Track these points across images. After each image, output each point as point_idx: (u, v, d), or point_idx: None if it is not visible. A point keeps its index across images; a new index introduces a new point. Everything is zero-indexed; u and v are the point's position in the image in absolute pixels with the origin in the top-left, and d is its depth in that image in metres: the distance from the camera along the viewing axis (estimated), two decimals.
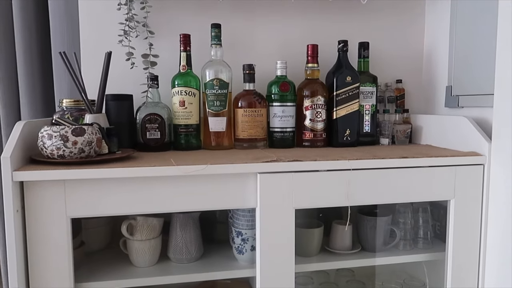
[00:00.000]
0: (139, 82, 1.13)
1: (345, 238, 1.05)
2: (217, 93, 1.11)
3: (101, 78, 0.98)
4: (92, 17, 1.17)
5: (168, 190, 0.86)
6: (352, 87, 1.17)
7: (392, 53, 1.35)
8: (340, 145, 1.18)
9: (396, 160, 0.94)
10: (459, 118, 1.08)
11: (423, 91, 1.37)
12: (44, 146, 0.82)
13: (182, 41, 1.10)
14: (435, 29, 1.31)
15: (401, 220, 1.09)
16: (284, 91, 1.14)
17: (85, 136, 0.83)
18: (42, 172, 0.79)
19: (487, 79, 1.07)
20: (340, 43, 1.19)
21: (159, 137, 1.08)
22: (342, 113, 1.17)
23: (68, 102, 1.04)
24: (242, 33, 1.26)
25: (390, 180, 0.95)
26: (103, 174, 0.81)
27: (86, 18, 1.16)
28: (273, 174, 0.89)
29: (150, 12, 1.13)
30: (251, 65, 1.14)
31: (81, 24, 1.16)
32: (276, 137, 1.16)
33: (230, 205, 0.91)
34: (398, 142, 1.24)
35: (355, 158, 0.93)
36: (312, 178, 0.91)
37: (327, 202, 0.93)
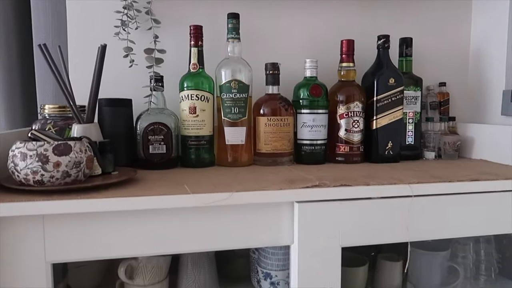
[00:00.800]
0: (139, 84, 0.93)
1: (394, 277, 0.86)
2: (236, 98, 0.91)
3: (93, 79, 0.77)
4: (82, 5, 0.96)
5: (180, 225, 0.66)
6: (396, 91, 0.97)
7: (433, 51, 1.16)
8: (380, 161, 0.98)
9: (468, 184, 0.75)
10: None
11: (470, 96, 1.18)
12: (16, 169, 0.61)
13: (192, 34, 0.90)
14: (487, 24, 1.12)
15: (460, 254, 0.90)
16: (316, 96, 0.95)
17: (71, 155, 0.63)
18: (13, 205, 0.58)
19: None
20: (381, 38, 0.99)
21: (164, 151, 0.88)
22: (384, 122, 0.98)
23: (52, 108, 0.83)
24: (260, 27, 1.06)
25: (459, 208, 0.75)
26: (95, 207, 0.61)
27: (74, 6, 0.96)
28: (314, 204, 0.69)
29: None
30: (275, 64, 0.95)
31: (69, 14, 0.96)
32: (305, 151, 0.96)
33: (259, 243, 0.71)
34: (446, 156, 1.05)
35: (414, 180, 0.73)
36: (363, 208, 0.72)
37: (381, 238, 0.74)
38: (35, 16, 1.02)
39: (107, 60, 0.78)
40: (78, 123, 0.76)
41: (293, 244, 0.71)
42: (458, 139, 1.05)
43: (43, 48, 0.70)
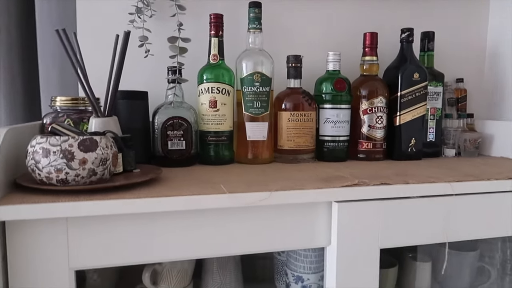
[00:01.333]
0: (154, 76, 0.87)
1: (423, 279, 0.83)
2: (258, 92, 0.86)
3: (111, 69, 0.71)
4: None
5: (212, 227, 0.61)
6: (420, 86, 0.94)
7: (450, 47, 1.14)
8: (402, 158, 0.95)
9: (505, 182, 0.72)
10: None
11: (486, 93, 1.17)
12: (37, 167, 0.55)
13: (213, 23, 0.85)
14: (503, 23, 1.11)
15: (487, 254, 0.88)
16: (340, 90, 0.91)
17: (98, 151, 0.57)
18: (34, 206, 0.53)
19: None
20: (405, 31, 0.96)
21: (184, 148, 0.82)
22: (408, 118, 0.95)
23: (64, 101, 0.77)
24: (278, 17, 1.01)
25: (496, 207, 0.73)
26: (126, 209, 0.56)
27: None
28: (354, 203, 0.65)
29: None
30: (298, 56, 0.91)
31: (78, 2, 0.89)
32: (327, 147, 0.92)
33: (295, 245, 0.67)
34: (466, 154, 1.03)
35: (451, 179, 0.71)
36: (401, 207, 0.68)
37: (419, 239, 0.71)
38: (38, 3, 0.95)
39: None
40: (97, 117, 0.70)
41: (329, 245, 0.67)
42: (479, 136, 1.03)
43: (61, 34, 0.64)
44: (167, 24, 0.89)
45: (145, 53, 0.86)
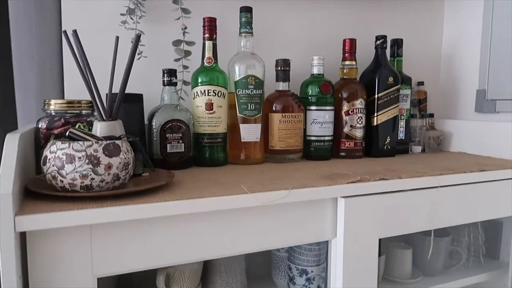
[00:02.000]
0: (148, 78, 0.86)
1: (406, 264, 0.92)
2: (252, 94, 0.89)
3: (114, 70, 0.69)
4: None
5: (229, 227, 0.63)
6: (394, 89, 1.03)
7: (409, 52, 1.25)
8: (379, 155, 1.04)
9: (476, 174, 0.82)
10: (509, 124, 1.01)
11: (443, 95, 1.30)
12: (60, 173, 0.53)
13: (207, 26, 0.86)
14: (458, 28, 1.24)
15: (456, 238, 0.99)
16: (326, 93, 0.97)
17: (121, 155, 0.57)
18: (62, 214, 0.51)
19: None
20: (379, 38, 1.05)
21: (182, 150, 0.83)
22: (384, 118, 1.03)
23: (59, 104, 0.73)
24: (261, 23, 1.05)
25: (467, 197, 0.83)
26: (153, 212, 0.56)
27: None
28: (358, 198, 0.71)
29: None
30: (286, 60, 0.95)
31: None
32: (314, 147, 0.98)
33: (305, 239, 0.71)
34: (429, 150, 1.15)
35: (437, 173, 0.79)
36: (397, 200, 0.75)
37: (411, 228, 0.78)
38: (12, 2, 0.89)
39: (108, 51, 0.70)
40: (102, 120, 0.68)
41: (334, 238, 0.72)
42: (441, 134, 1.15)
43: (71, 36, 0.62)
44: (159, 26, 0.89)
45: (137, 55, 0.85)
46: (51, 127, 0.72)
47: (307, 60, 1.03)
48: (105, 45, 0.84)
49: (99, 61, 0.74)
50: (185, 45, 0.82)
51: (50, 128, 0.72)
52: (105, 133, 0.67)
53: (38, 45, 0.93)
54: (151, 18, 0.89)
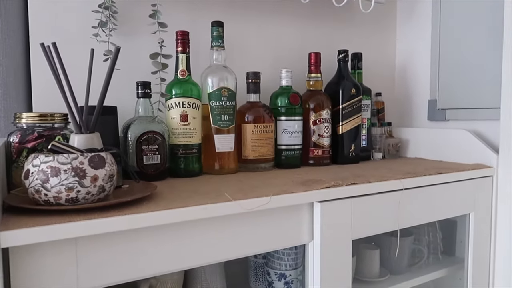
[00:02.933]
0: (120, 90, 0.86)
1: (374, 264, 0.97)
2: (225, 105, 0.91)
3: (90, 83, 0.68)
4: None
5: (209, 236, 0.64)
6: (356, 99, 1.10)
7: (367, 65, 1.33)
8: (345, 162, 1.09)
9: (435, 177, 0.90)
10: (459, 131, 1.11)
11: (398, 105, 1.39)
12: (44, 187, 0.53)
13: (180, 40, 0.88)
14: (410, 42, 1.35)
15: (417, 237, 1.06)
16: (295, 104, 1.01)
17: (106, 167, 0.57)
18: (48, 228, 0.50)
19: (477, 92, 1.12)
20: (342, 52, 1.11)
21: (159, 161, 0.83)
22: (348, 127, 1.09)
23: (31, 117, 0.72)
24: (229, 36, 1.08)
25: (428, 198, 0.90)
26: (142, 222, 0.56)
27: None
28: (332, 202, 0.75)
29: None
30: (257, 72, 0.98)
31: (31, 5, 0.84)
32: (285, 155, 1.01)
33: (282, 244, 0.74)
34: (389, 156, 1.22)
35: (401, 177, 0.85)
36: (367, 203, 0.80)
37: (380, 229, 0.84)
38: None
39: (81, 65, 0.70)
40: (80, 133, 0.67)
41: (311, 242, 0.76)
42: (399, 141, 1.23)
43: (50, 49, 0.61)
44: (131, 39, 0.89)
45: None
46: (23, 141, 0.70)
47: (275, 73, 1.08)
48: (76, 58, 0.83)
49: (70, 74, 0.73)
50: (162, 58, 0.83)
51: (22, 142, 0.70)
52: (84, 146, 0.66)
53: (2, 58, 0.90)
54: (123, 31, 0.90)
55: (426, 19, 1.27)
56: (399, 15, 1.38)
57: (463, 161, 1.09)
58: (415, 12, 1.32)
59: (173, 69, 0.88)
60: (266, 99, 1.04)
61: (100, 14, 0.84)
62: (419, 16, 1.30)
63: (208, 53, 0.95)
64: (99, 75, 0.69)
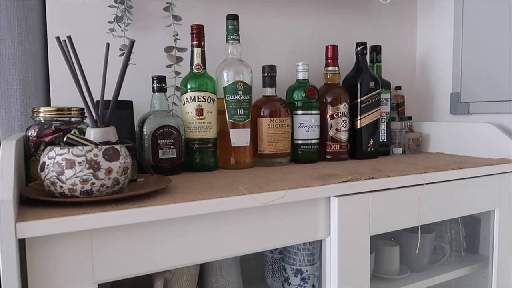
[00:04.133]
0: (136, 84, 0.86)
1: (393, 261, 0.94)
2: (241, 99, 0.91)
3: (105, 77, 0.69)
4: None
5: (224, 229, 0.64)
6: (375, 93, 1.07)
7: (387, 58, 1.30)
8: (364, 157, 1.07)
9: (458, 171, 0.87)
10: (484, 124, 1.07)
11: (419, 98, 1.36)
12: (60, 179, 0.53)
13: (195, 34, 0.88)
14: (431, 35, 1.31)
15: (439, 234, 1.03)
16: (312, 97, 0.99)
17: (121, 160, 0.57)
18: (63, 220, 0.50)
19: (501, 84, 1.08)
20: (360, 45, 1.09)
21: (174, 156, 0.83)
22: (367, 121, 1.07)
23: (48, 111, 0.72)
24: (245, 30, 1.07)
25: (450, 194, 0.87)
26: (155, 215, 0.56)
27: None
28: (350, 197, 0.73)
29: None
30: (273, 66, 0.97)
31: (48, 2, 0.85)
32: (302, 150, 1.00)
33: (298, 239, 0.72)
34: (409, 151, 1.19)
35: (421, 171, 0.83)
36: (386, 198, 0.78)
37: (400, 224, 0.81)
38: None
39: (98, 59, 0.70)
40: (95, 127, 0.67)
41: (328, 237, 0.74)
42: (420, 136, 1.20)
43: (65, 43, 0.61)
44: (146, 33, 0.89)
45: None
46: (41, 135, 0.71)
47: (291, 66, 1.06)
48: (93, 53, 0.84)
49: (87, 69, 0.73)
50: (176, 52, 0.83)
51: (40, 136, 0.71)
52: (99, 139, 0.66)
53: (21, 54, 0.91)
54: (138, 25, 0.90)
55: (447, 11, 1.23)
56: (419, 7, 1.34)
57: (487, 155, 1.05)
58: (436, 4, 1.28)
59: (187, 63, 0.87)
60: (282, 93, 1.03)
61: (116, 9, 0.84)
62: (441, 7, 1.26)
63: (223, 47, 0.94)
64: (115, 69, 0.69)
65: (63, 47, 0.63)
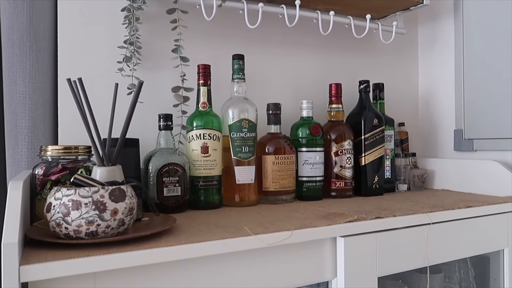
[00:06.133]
0: (142, 123, 0.87)
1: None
2: (246, 137, 0.91)
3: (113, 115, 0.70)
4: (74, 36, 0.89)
5: (230, 271, 0.63)
6: (379, 130, 1.08)
7: (389, 95, 1.32)
8: (369, 194, 1.06)
9: (465, 210, 0.86)
10: (489, 162, 1.07)
11: (422, 134, 1.36)
12: (65, 220, 0.53)
13: (201, 73, 0.90)
14: (432, 72, 1.33)
15: (447, 275, 1.00)
16: (316, 135, 1.00)
17: (126, 200, 0.57)
18: (68, 262, 0.50)
19: (506, 121, 1.09)
20: (363, 83, 1.11)
21: (179, 193, 0.83)
22: (371, 158, 1.07)
23: (56, 150, 0.73)
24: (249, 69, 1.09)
25: (458, 233, 0.86)
26: (161, 257, 0.55)
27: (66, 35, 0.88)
28: (357, 237, 0.72)
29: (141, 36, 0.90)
30: (277, 104, 0.99)
31: (60, 43, 0.87)
32: (307, 187, 1.00)
33: (304, 281, 0.71)
34: (415, 188, 1.18)
35: (427, 210, 0.82)
36: (393, 238, 0.77)
37: (407, 265, 0.80)
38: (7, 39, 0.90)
39: (106, 98, 0.71)
40: (102, 165, 0.68)
41: (335, 278, 0.72)
42: (425, 172, 1.19)
43: (76, 84, 0.63)
44: (153, 73, 0.92)
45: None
46: (48, 173, 0.71)
47: (296, 104, 1.08)
48: (101, 92, 0.86)
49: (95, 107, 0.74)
50: (183, 91, 0.85)
51: (47, 174, 0.71)
52: (106, 179, 0.66)
53: (32, 92, 0.93)
54: (147, 65, 0.92)
55: (448, 47, 1.26)
56: (420, 44, 1.37)
57: (493, 193, 1.04)
58: (437, 40, 1.31)
59: (194, 101, 0.89)
60: (287, 130, 1.04)
61: (125, 50, 0.86)
62: (442, 44, 1.29)
63: (228, 84, 0.96)
64: (123, 108, 0.70)
65: (73, 88, 0.64)
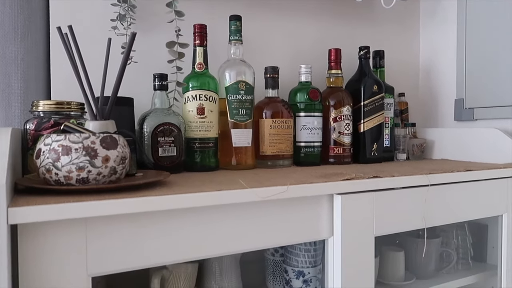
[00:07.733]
0: (137, 83, 0.86)
1: (399, 267, 0.92)
2: (243, 99, 0.90)
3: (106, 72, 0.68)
4: None
5: (223, 225, 0.62)
6: (378, 97, 1.06)
7: (390, 64, 1.29)
8: (367, 161, 1.05)
9: (464, 174, 0.85)
10: (489, 130, 1.05)
11: (422, 105, 1.35)
12: (55, 165, 0.51)
13: (197, 33, 0.87)
14: (434, 41, 1.30)
15: (445, 240, 1.00)
16: (315, 99, 0.98)
17: (118, 149, 0.55)
18: (58, 206, 0.49)
19: (506, 89, 1.07)
20: (363, 49, 1.08)
21: (174, 154, 0.82)
22: (370, 125, 1.05)
23: (48, 105, 0.71)
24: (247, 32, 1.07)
25: (456, 197, 0.85)
26: (156, 205, 0.54)
27: None
28: (353, 195, 0.71)
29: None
30: (275, 67, 0.97)
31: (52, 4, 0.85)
32: (304, 152, 0.98)
33: (300, 238, 0.70)
34: (414, 157, 1.17)
35: (427, 172, 0.81)
36: (390, 198, 0.76)
37: (405, 226, 0.79)
38: None
39: (100, 57, 0.69)
40: (94, 119, 0.66)
41: (331, 237, 0.72)
42: (424, 142, 1.18)
43: (67, 34, 0.61)
44: (148, 32, 0.89)
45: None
46: (39, 128, 0.70)
47: (294, 70, 1.06)
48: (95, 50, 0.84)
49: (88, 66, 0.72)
50: (178, 47, 0.83)
51: (38, 129, 0.70)
52: (98, 131, 0.65)
53: (24, 53, 0.91)
54: (141, 25, 0.90)
55: (451, 17, 1.24)
56: (422, 13, 1.34)
57: (493, 161, 1.03)
58: (440, 10, 1.28)
59: (189, 60, 0.87)
60: (285, 96, 1.02)
61: (119, 8, 0.84)
62: (444, 13, 1.26)
63: (225, 48, 0.93)
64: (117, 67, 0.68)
65: (64, 38, 0.62)
